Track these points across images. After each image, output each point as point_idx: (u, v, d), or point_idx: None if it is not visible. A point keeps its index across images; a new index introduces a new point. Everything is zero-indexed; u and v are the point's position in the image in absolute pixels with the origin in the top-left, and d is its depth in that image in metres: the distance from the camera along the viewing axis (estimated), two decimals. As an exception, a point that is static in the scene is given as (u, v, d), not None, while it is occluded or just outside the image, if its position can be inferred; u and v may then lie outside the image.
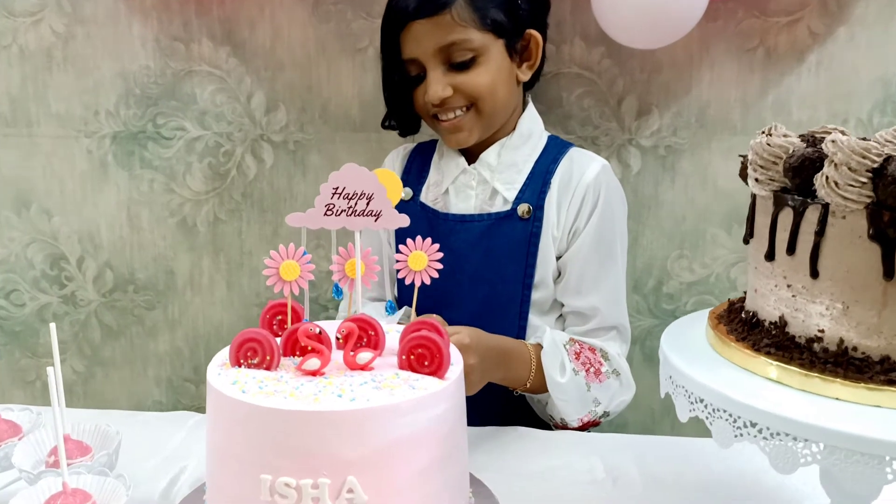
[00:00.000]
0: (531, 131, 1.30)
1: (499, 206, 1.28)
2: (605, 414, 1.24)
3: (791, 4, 1.42)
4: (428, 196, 1.33)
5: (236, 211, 1.64)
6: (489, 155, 1.28)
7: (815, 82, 1.44)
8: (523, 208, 1.25)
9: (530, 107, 1.32)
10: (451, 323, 1.26)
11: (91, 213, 1.67)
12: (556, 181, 1.27)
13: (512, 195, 1.27)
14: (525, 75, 1.28)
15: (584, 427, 1.25)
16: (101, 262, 1.69)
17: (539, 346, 1.21)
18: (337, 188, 0.84)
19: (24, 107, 1.63)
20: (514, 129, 1.30)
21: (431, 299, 1.08)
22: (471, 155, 1.30)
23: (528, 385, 1.20)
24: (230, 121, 1.59)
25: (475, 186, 1.29)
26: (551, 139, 1.33)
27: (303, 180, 1.61)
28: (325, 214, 0.85)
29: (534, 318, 1.29)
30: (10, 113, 1.63)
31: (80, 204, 1.66)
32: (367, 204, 0.84)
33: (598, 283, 1.26)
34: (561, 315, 1.32)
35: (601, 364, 1.23)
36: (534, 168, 1.28)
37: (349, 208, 0.84)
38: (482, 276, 1.27)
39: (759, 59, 1.45)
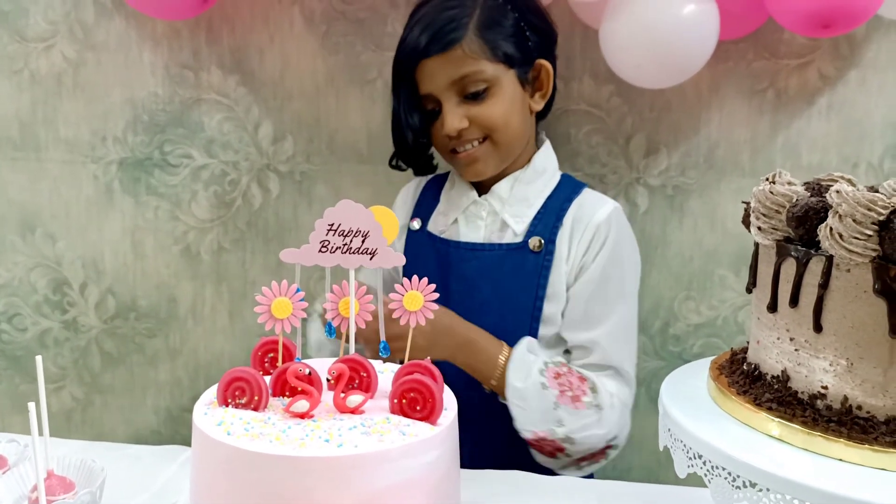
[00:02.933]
0: (545, 168, 1.32)
1: (508, 238, 1.28)
2: (569, 440, 1.19)
3: (802, 47, 1.41)
4: (436, 226, 1.34)
5: (240, 240, 1.63)
6: (501, 187, 1.30)
7: (825, 126, 1.43)
8: (535, 241, 1.26)
9: (547, 144, 1.34)
10: None
11: (95, 239, 1.66)
12: (569, 218, 1.28)
13: (521, 228, 1.27)
14: (538, 105, 1.30)
15: (542, 450, 1.21)
16: (103, 289, 1.68)
17: None
18: (332, 225, 0.83)
19: (33, 131, 1.63)
20: (528, 162, 1.31)
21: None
22: (482, 187, 1.32)
23: (494, 384, 1.20)
24: (237, 150, 1.59)
25: (485, 217, 1.30)
26: (564, 178, 1.34)
27: (308, 211, 1.60)
28: (320, 251, 0.83)
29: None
30: (18, 137, 1.64)
31: (84, 229, 1.66)
32: (363, 242, 0.83)
33: (602, 319, 1.25)
34: (567, 351, 1.30)
35: (584, 394, 1.20)
36: (546, 204, 1.29)
37: (344, 245, 0.83)
38: (491, 306, 1.27)
39: (769, 101, 1.44)
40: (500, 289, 1.27)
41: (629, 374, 1.27)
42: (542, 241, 1.26)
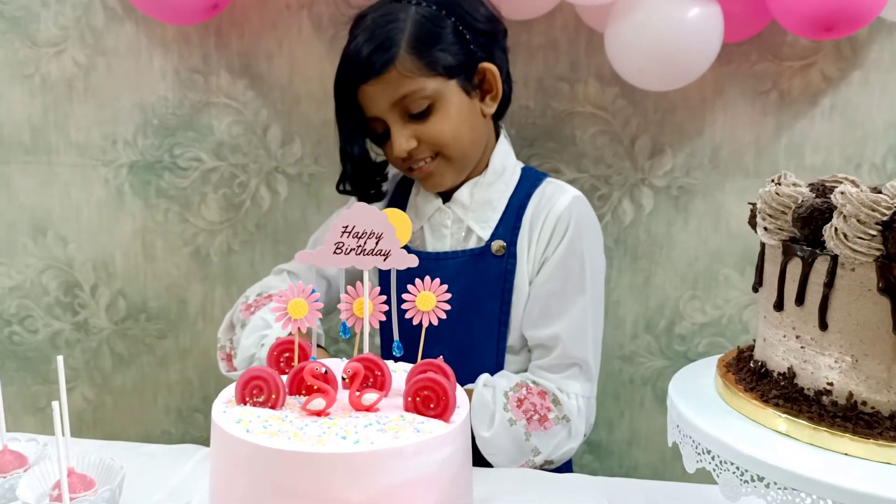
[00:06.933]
0: (504, 166, 1.28)
1: (473, 244, 1.27)
2: (548, 462, 1.19)
3: (805, 49, 1.42)
4: None
5: (250, 242, 1.65)
6: (462, 194, 1.27)
7: (828, 126, 1.44)
8: (497, 245, 1.24)
9: (501, 141, 1.30)
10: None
11: (106, 242, 1.68)
12: (527, 217, 1.25)
13: (487, 233, 1.26)
14: (490, 108, 1.25)
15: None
16: (114, 291, 1.70)
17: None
18: (347, 227, 0.84)
19: (45, 135, 1.65)
20: (486, 165, 1.28)
21: (410, 338, 1.05)
22: (446, 193, 1.29)
23: None
24: (246, 152, 1.61)
25: (450, 225, 1.28)
26: (525, 171, 1.31)
27: (316, 213, 1.61)
28: (335, 253, 0.85)
29: (507, 356, 1.27)
30: (30, 141, 1.65)
31: (95, 232, 1.68)
32: (377, 243, 0.85)
33: (562, 313, 1.23)
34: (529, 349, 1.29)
35: (549, 410, 1.19)
36: (508, 204, 1.27)
37: (358, 247, 0.85)
38: (459, 314, 1.20)
39: (772, 102, 1.45)
40: (468, 296, 1.24)
41: (591, 367, 1.24)
42: (504, 245, 1.24)
